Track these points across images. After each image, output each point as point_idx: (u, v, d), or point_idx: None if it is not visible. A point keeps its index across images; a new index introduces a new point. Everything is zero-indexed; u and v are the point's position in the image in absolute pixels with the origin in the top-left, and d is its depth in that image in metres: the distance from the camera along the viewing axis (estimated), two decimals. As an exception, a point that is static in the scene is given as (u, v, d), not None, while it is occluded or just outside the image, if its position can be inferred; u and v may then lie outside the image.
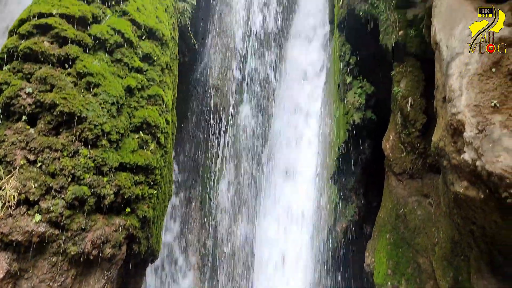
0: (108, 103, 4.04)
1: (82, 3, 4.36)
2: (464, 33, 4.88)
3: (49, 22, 3.97)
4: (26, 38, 3.94)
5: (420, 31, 7.13)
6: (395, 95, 7.46)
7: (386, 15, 7.65)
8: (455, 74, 4.72)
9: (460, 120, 4.33)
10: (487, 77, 4.39)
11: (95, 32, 4.27)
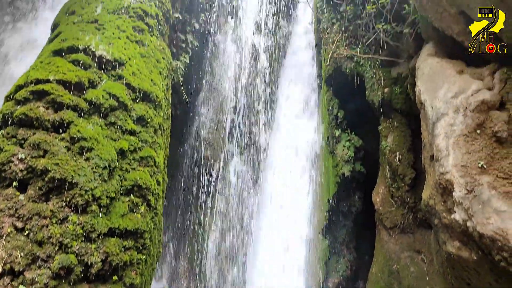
0: (100, 167, 4.03)
1: (79, 69, 4.45)
2: (448, 95, 5.09)
3: (45, 88, 4.03)
4: (22, 104, 3.97)
5: (405, 88, 7.40)
6: (383, 149, 7.59)
7: (372, 72, 7.97)
8: (441, 134, 4.85)
9: (449, 179, 4.41)
10: (473, 138, 4.52)
11: (90, 97, 4.33)
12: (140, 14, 5.88)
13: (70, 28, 5.07)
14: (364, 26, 7.89)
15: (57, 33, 5.10)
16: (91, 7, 5.58)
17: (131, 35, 5.47)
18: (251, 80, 9.53)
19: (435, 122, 5.10)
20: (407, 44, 7.21)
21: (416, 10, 6.24)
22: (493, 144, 4.42)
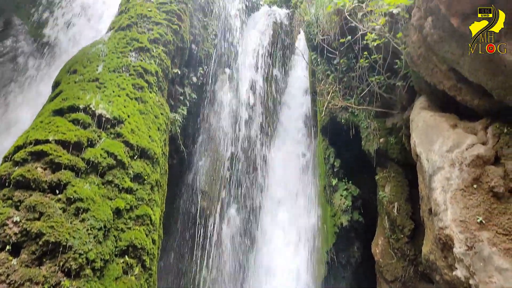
0: (96, 228, 3.97)
1: (79, 128, 4.51)
2: (443, 149, 5.15)
3: (44, 149, 4.06)
4: (20, 165, 3.98)
5: (400, 139, 7.51)
6: (381, 199, 7.57)
7: (367, 123, 8.11)
8: (439, 188, 4.86)
9: (448, 235, 4.36)
10: (470, 193, 4.53)
11: (88, 156, 4.36)
12: (140, 72, 6.06)
13: (72, 87, 5.19)
14: (357, 78, 8.14)
15: (58, 92, 5.22)
16: (92, 65, 5.75)
17: (130, 92, 5.60)
18: (247, 130, 9.67)
19: (431, 176, 5.13)
20: (400, 96, 7.40)
21: (408, 65, 6.47)
22: (490, 199, 4.42)
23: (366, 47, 7.18)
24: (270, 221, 9.56)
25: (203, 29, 9.30)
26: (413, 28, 6.09)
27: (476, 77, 4.99)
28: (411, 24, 6.16)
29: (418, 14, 5.83)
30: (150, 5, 7.53)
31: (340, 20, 8.00)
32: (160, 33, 7.01)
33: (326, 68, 9.46)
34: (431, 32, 5.47)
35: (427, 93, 6.44)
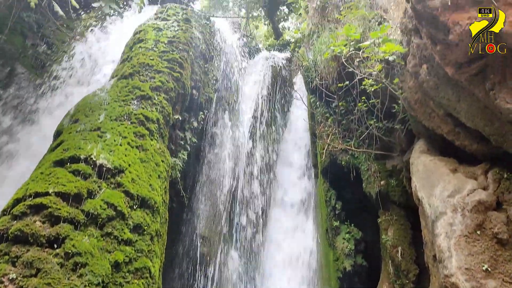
0: (93, 284, 3.87)
1: (79, 179, 4.51)
2: (444, 194, 5.13)
3: (44, 202, 4.04)
4: (19, 219, 3.95)
5: (401, 181, 7.49)
6: (384, 243, 7.45)
7: (367, 165, 8.12)
8: (442, 234, 4.80)
9: (454, 283, 4.26)
10: (474, 239, 4.46)
11: (88, 208, 4.33)
12: (142, 120, 6.14)
13: (73, 136, 5.25)
14: (356, 121, 8.23)
15: (60, 142, 5.27)
16: (94, 114, 5.84)
17: (132, 141, 5.65)
18: (248, 172, 9.69)
19: (434, 221, 5.08)
20: (399, 139, 7.46)
21: (406, 109, 6.57)
22: (495, 245, 4.36)
23: (364, 91, 7.30)
24: (271, 264, 9.37)
25: (204, 74, 9.53)
26: (409, 74, 6.23)
27: (473, 123, 5.05)
28: (407, 70, 6.30)
29: (413, 61, 5.97)
30: (152, 53, 7.76)
31: (338, 65, 8.20)
32: (162, 81, 7.18)
33: (325, 111, 9.58)
34: (427, 79, 5.58)
35: (425, 136, 6.49)
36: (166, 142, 6.73)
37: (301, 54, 11.03)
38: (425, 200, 5.50)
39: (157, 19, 9.19)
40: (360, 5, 8.65)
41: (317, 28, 9.93)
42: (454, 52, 4.59)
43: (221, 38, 11.89)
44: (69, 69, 8.78)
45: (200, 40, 9.58)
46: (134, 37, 8.69)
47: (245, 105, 11.08)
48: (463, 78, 4.72)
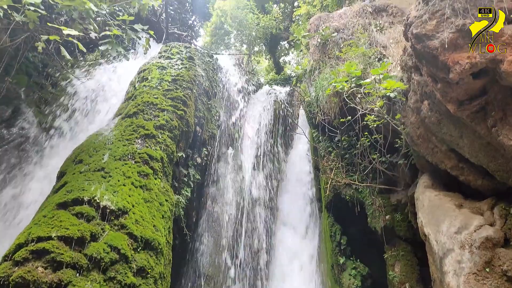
0: (96, 331, 3.79)
1: (82, 222, 4.48)
2: (451, 230, 5.06)
3: (46, 247, 3.98)
4: (21, 265, 3.88)
5: (406, 216, 7.41)
6: (391, 280, 7.28)
7: (371, 199, 8.06)
8: (451, 272, 4.71)
9: (467, 323, 4.15)
10: (483, 276, 4.37)
11: (91, 252, 4.26)
12: (146, 159, 6.16)
13: (77, 178, 5.25)
14: (359, 155, 8.24)
15: (63, 183, 5.27)
16: (98, 154, 5.87)
17: (136, 180, 5.65)
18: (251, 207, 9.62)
19: (442, 258, 5.00)
20: (403, 174, 7.45)
21: (408, 144, 6.59)
22: (505, 283, 4.28)
23: (367, 126, 7.35)
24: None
25: (207, 111, 9.65)
26: (411, 110, 6.29)
27: (477, 158, 5.06)
28: (408, 106, 6.38)
29: (415, 98, 6.05)
30: (156, 92, 7.89)
31: (340, 101, 8.30)
32: (166, 119, 7.26)
33: (328, 145, 9.62)
34: (429, 115, 5.63)
35: (429, 171, 6.48)
36: (170, 181, 6.72)
37: (303, 90, 11.19)
38: (432, 236, 5.43)
39: (161, 58, 9.42)
40: (360, 43, 8.86)
41: (318, 64, 10.12)
42: (455, 90, 4.65)
43: (224, 74, 12.15)
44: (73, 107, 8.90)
45: (203, 77, 9.77)
46: (138, 76, 8.88)
47: (248, 140, 11.15)
48: (464, 115, 4.76)
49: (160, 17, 14.89)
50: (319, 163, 9.87)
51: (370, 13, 11.27)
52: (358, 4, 11.78)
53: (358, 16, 11.13)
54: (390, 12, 11.34)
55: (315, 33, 10.52)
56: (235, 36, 27.54)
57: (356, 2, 12.37)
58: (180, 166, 7.85)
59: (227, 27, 24.81)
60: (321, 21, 11.67)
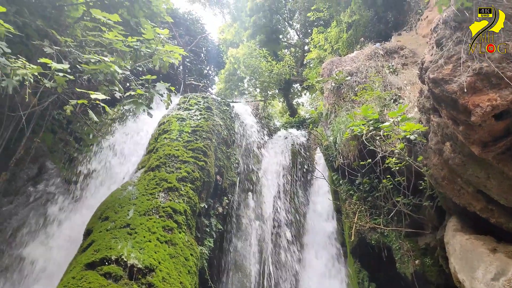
0: None
1: (110, 283, 4.43)
2: (487, 277, 4.86)
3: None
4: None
5: (436, 259, 7.13)
6: (427, 332, 6.91)
7: (398, 243, 7.82)
8: (493, 322, 4.48)
9: None
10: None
11: (120, 314, 4.22)
12: (170, 213, 6.19)
13: (104, 236, 5.29)
14: (382, 197, 8.10)
15: (90, 242, 5.30)
16: (123, 210, 5.93)
17: (161, 236, 5.64)
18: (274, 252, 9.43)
19: (481, 309, 4.77)
20: (430, 216, 7.25)
21: (433, 186, 6.47)
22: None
23: (388, 168, 7.28)
24: None
25: (227, 159, 9.75)
26: (432, 152, 6.23)
27: (507, 200, 4.94)
28: (430, 147, 6.33)
29: (435, 139, 6.02)
30: (177, 144, 8.05)
31: (358, 144, 8.30)
32: (188, 171, 7.35)
33: (349, 188, 9.51)
34: (452, 156, 5.57)
35: (457, 213, 6.31)
36: (193, 233, 6.69)
37: (320, 133, 11.27)
38: (467, 283, 5.21)
39: (180, 109, 9.68)
40: (375, 86, 8.98)
41: (334, 108, 10.24)
42: (478, 132, 4.63)
43: (240, 121, 12.36)
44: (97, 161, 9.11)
45: (221, 126, 9.95)
46: (159, 128, 9.10)
47: (267, 185, 11.13)
48: (490, 156, 4.71)
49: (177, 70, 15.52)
50: (341, 206, 9.73)
51: (382, 55, 11.52)
52: (369, 47, 12.07)
53: (370, 59, 11.37)
54: (401, 54, 11.57)
55: (329, 78, 10.74)
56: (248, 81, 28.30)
57: (366, 46, 12.69)
58: (202, 216, 7.82)
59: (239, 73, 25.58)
60: (334, 65, 11.94)
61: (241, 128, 12.14)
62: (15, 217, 6.88)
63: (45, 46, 5.29)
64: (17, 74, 4.30)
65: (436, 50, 5.47)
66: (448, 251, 6.04)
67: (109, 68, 5.06)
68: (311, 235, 10.85)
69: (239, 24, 25.94)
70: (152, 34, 5.90)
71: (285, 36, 29.17)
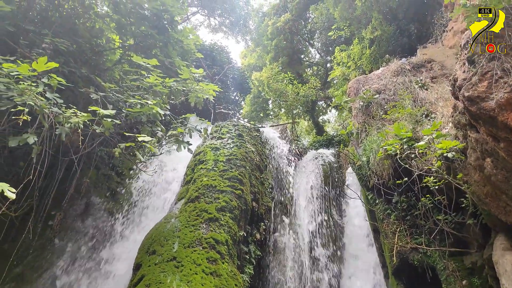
0: None
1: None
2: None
3: None
4: None
5: (485, 279, 6.88)
6: None
7: (443, 264, 7.60)
8: None
9: None
10: None
11: None
12: (212, 244, 6.32)
13: (153, 270, 5.47)
14: (422, 216, 7.93)
15: (141, 277, 5.48)
16: (169, 243, 6.11)
17: (206, 267, 5.76)
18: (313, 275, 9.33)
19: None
20: (474, 234, 7.04)
21: (476, 203, 6.31)
22: None
23: (426, 186, 7.17)
24: None
25: (261, 185, 9.85)
26: (472, 168, 6.12)
27: (558, 217, 4.80)
28: (469, 163, 6.22)
29: (475, 155, 5.91)
30: (213, 174, 8.25)
31: (393, 162, 8.23)
32: (226, 200, 7.51)
33: (386, 207, 9.37)
34: (494, 173, 5.46)
35: (504, 230, 6.14)
36: (235, 263, 6.77)
37: (351, 153, 11.22)
38: (524, 307, 5.04)
39: (213, 139, 9.92)
40: (406, 103, 8.94)
41: (364, 127, 10.22)
42: (521, 148, 4.56)
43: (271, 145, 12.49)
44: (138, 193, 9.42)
45: (254, 153, 10.11)
46: (194, 159, 9.35)
47: (301, 207, 11.11)
48: (536, 172, 4.62)
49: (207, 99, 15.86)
50: (379, 226, 9.58)
51: (409, 70, 11.48)
52: (395, 63, 12.06)
53: (397, 75, 11.34)
54: (429, 68, 11.50)
55: (357, 97, 10.76)
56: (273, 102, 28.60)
57: (392, 61, 12.67)
58: (240, 243, 7.90)
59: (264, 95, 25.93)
60: (360, 84, 11.97)
61: (272, 152, 12.26)
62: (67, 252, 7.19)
63: (91, 93, 5.64)
64: (70, 122, 4.61)
65: (469, 67, 5.45)
66: (498, 271, 5.86)
67: (152, 110, 5.34)
68: (348, 256, 10.69)
69: (262, 49, 26.45)
70: (188, 74, 6.19)
71: (307, 56, 29.48)
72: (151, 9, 6.69)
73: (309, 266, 9.61)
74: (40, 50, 5.76)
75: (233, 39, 32.00)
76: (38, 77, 4.96)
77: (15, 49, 5.72)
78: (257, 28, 27.43)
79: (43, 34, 6.33)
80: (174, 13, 7.11)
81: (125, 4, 6.46)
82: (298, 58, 26.99)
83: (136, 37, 7.28)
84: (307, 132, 30.12)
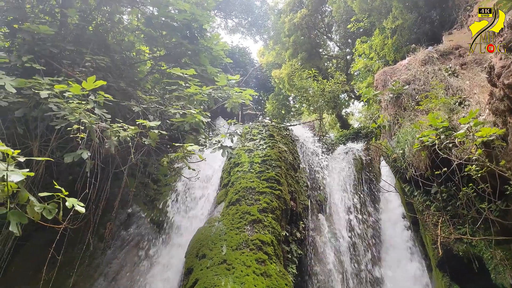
0: None
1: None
2: None
3: None
4: None
5: (536, 264, 6.76)
6: None
7: (489, 253, 7.49)
8: None
9: None
10: None
11: None
12: (259, 245, 6.43)
13: (206, 274, 5.62)
14: (464, 205, 7.83)
15: (195, 281, 5.64)
16: (217, 247, 6.26)
17: (256, 269, 5.87)
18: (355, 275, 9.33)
19: None
20: (521, 220, 6.92)
21: (521, 188, 6.20)
22: None
23: (467, 175, 7.08)
24: None
25: (297, 184, 9.89)
26: (516, 155, 6.03)
27: None
28: (511, 150, 6.13)
29: (517, 141, 5.82)
30: (251, 175, 8.36)
31: (430, 153, 8.14)
32: (267, 201, 7.61)
33: (425, 199, 9.28)
34: (539, 158, 5.37)
35: (555, 217, 6.01)
36: (282, 263, 6.86)
37: (384, 146, 11.13)
38: None
39: (245, 141, 10.03)
40: (438, 93, 8.82)
41: (396, 119, 10.14)
42: None
43: (301, 143, 12.53)
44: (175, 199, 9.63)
45: (286, 152, 10.17)
46: (229, 162, 9.49)
47: (336, 202, 11.10)
48: None
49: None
50: (418, 218, 9.49)
51: (437, 58, 11.31)
52: (422, 52, 11.88)
53: (425, 64, 11.19)
54: (457, 54, 11.29)
55: (386, 90, 10.68)
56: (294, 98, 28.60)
57: (418, 50, 12.49)
58: (282, 243, 7.98)
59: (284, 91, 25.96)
60: (387, 75, 11.86)
61: (302, 150, 12.29)
62: (114, 261, 7.45)
63: (133, 106, 5.85)
64: (119, 135, 4.82)
65: (506, 53, 5.36)
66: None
67: (195, 119, 5.50)
68: (389, 250, 10.62)
69: (280, 46, 26.47)
70: (224, 81, 6.34)
71: (325, 49, 29.31)
72: (181, 20, 6.86)
73: (350, 261, 9.61)
74: (82, 68, 6.00)
75: (251, 38, 32.20)
76: (85, 95, 5.17)
77: (58, 69, 5.97)
78: (273, 25, 27.46)
79: (81, 52, 6.57)
80: (203, 22, 7.26)
81: (158, 18, 6.65)
82: (316, 52, 26.87)
83: (167, 48, 7.48)
84: (331, 126, 29.99)
